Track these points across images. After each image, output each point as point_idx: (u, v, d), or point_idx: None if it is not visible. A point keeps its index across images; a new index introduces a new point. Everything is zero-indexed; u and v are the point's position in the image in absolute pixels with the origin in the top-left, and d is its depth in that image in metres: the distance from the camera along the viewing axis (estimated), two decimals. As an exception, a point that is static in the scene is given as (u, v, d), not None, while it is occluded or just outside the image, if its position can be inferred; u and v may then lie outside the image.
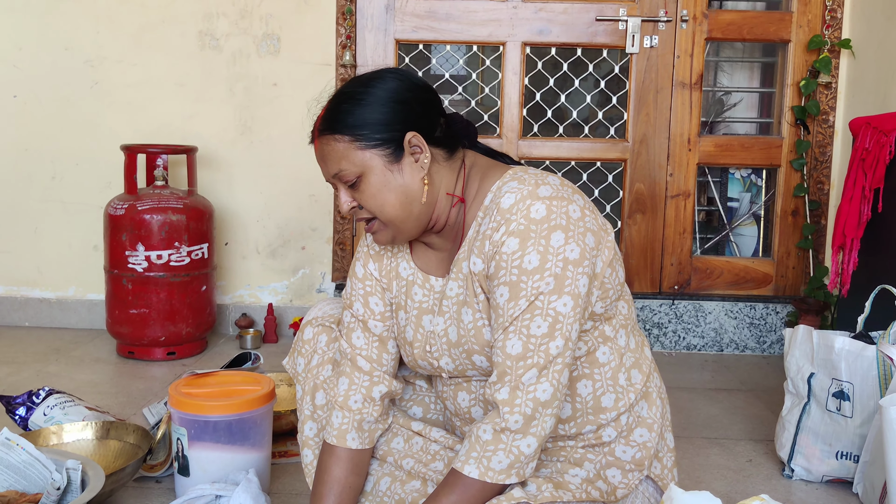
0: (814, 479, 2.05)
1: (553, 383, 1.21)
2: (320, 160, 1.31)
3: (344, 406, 1.42)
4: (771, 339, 3.30)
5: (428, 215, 1.32)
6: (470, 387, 1.37)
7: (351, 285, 1.47)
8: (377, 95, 1.26)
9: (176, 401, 1.77)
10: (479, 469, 1.21)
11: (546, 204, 1.21)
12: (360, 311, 1.44)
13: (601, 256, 1.27)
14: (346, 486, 1.41)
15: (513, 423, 1.20)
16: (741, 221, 3.55)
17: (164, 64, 3.28)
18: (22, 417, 2.09)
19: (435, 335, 1.36)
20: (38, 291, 3.41)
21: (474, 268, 1.28)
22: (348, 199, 1.30)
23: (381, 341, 1.43)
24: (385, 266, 1.45)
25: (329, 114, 1.28)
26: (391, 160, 1.27)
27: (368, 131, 1.25)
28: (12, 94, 3.31)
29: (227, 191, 3.34)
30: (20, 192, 3.36)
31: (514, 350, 1.21)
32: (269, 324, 3.26)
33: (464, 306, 1.31)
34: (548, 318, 1.20)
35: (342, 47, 3.25)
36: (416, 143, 1.28)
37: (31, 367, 2.84)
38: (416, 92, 1.30)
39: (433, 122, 1.31)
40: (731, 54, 3.68)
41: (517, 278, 1.21)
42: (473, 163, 1.36)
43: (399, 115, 1.27)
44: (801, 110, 3.24)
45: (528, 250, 1.20)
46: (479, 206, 1.31)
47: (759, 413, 2.57)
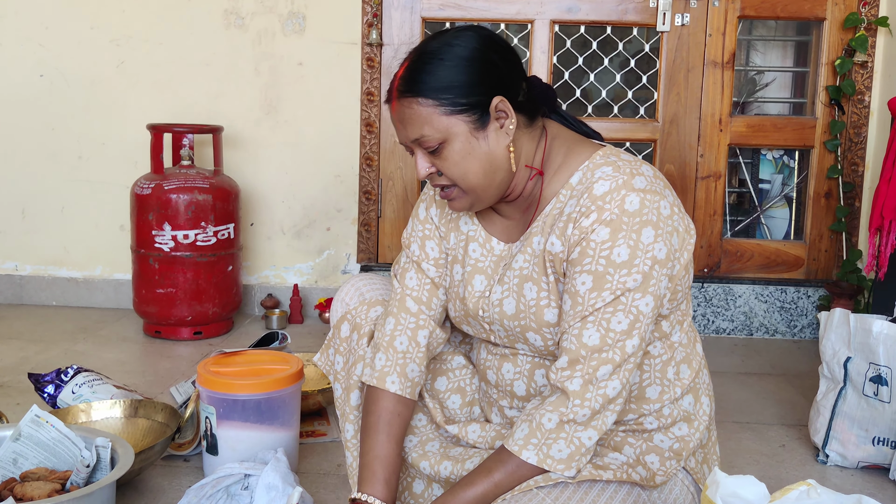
0: (849, 464, 2.02)
1: (623, 381, 1.18)
2: (398, 122, 1.23)
3: (389, 347, 1.37)
4: (802, 323, 3.24)
5: (509, 183, 1.26)
6: (516, 360, 1.34)
7: (412, 226, 1.42)
8: (461, 55, 1.18)
9: (205, 379, 1.77)
10: (538, 456, 1.19)
11: (640, 197, 1.16)
12: (416, 253, 1.40)
13: (681, 259, 1.23)
14: (395, 414, 1.36)
15: (580, 416, 1.18)
16: (773, 203, 3.49)
17: (189, 43, 3.27)
18: (51, 395, 2.09)
19: (489, 303, 1.32)
20: (66, 271, 3.42)
21: (551, 248, 1.23)
22: (427, 165, 1.24)
23: (433, 285, 1.39)
24: (446, 215, 1.40)
25: (410, 73, 1.20)
26: (477, 126, 1.20)
27: (454, 95, 1.18)
28: (39, 73, 3.31)
29: (253, 171, 3.32)
30: (47, 171, 3.37)
31: (592, 341, 1.17)
32: (295, 304, 3.25)
33: (528, 281, 1.27)
34: (629, 316, 1.17)
35: (368, 26, 3.21)
36: (503, 109, 1.20)
37: (59, 346, 2.85)
38: (500, 52, 1.22)
39: (517, 85, 1.23)
40: (764, 33, 3.61)
41: (604, 269, 1.17)
42: (556, 134, 1.29)
43: (485, 76, 1.19)
44: (836, 90, 3.17)
45: (619, 242, 1.16)
46: (561, 183, 1.26)
47: (791, 398, 2.53)
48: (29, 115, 3.34)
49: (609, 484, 1.22)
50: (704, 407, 1.36)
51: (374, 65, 3.24)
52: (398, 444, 1.37)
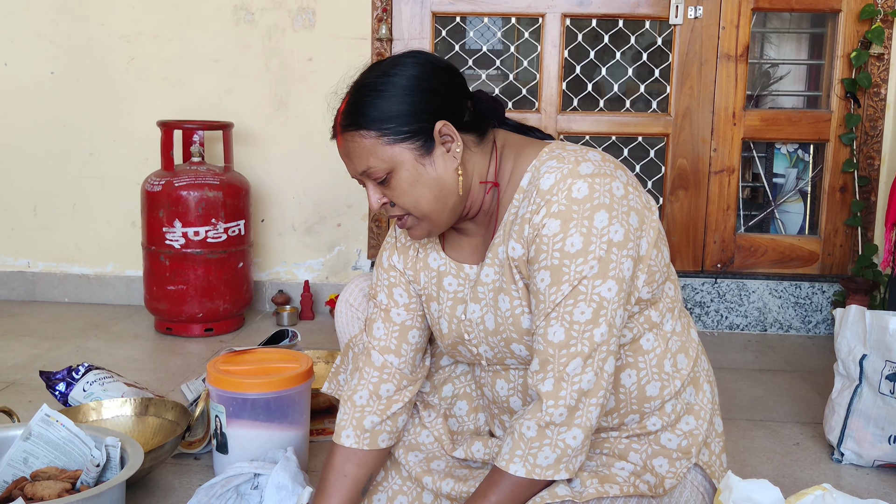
0: (864, 463, 1.99)
1: (597, 371, 1.16)
2: (345, 157, 1.23)
3: (348, 400, 1.40)
4: (816, 318, 3.21)
5: (463, 204, 1.25)
6: (508, 375, 1.33)
7: (376, 275, 1.43)
8: (400, 84, 1.18)
9: (214, 378, 1.76)
10: (525, 467, 1.17)
11: (588, 182, 1.15)
12: (383, 302, 1.40)
13: (646, 237, 1.20)
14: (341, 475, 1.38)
15: (557, 417, 1.15)
16: (787, 198, 3.46)
17: (199, 39, 3.26)
18: (62, 393, 2.10)
19: (471, 323, 1.31)
20: (77, 267, 3.43)
21: (513, 253, 1.22)
22: (378, 197, 1.24)
23: (401, 330, 1.39)
24: (411, 258, 1.40)
25: (351, 107, 1.20)
26: (422, 153, 1.19)
27: (395, 124, 1.17)
28: (49, 70, 3.32)
29: (263, 167, 3.32)
30: (58, 168, 3.37)
31: (557, 338, 1.16)
32: (306, 301, 3.25)
33: (500, 293, 1.26)
34: (592, 304, 1.14)
35: (378, 21, 3.20)
36: (447, 133, 1.20)
37: (71, 343, 2.86)
38: (440, 76, 1.21)
39: (461, 106, 1.23)
40: (778, 25, 3.56)
41: (559, 262, 1.15)
42: (505, 142, 1.29)
43: (426, 103, 1.19)
44: (852, 83, 3.13)
45: (571, 232, 1.14)
46: (514, 188, 1.25)
47: (806, 395, 2.50)
48: (40, 112, 3.34)
49: (617, 498, 1.21)
50: (707, 394, 1.33)
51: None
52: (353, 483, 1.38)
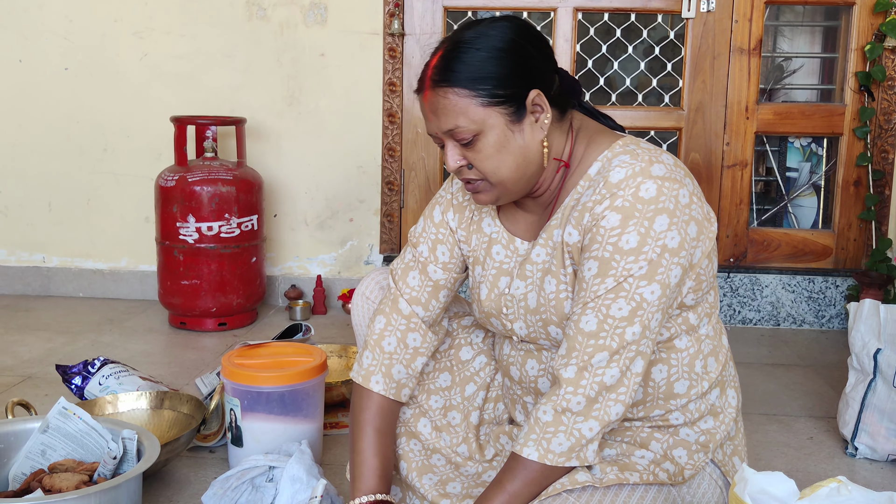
0: (879, 457, 1.99)
1: (622, 369, 1.14)
2: (430, 113, 1.20)
3: (376, 346, 1.37)
4: (830, 313, 3.20)
5: (538, 178, 1.24)
6: (541, 356, 1.32)
7: (423, 225, 1.40)
8: (498, 46, 1.15)
9: (229, 371, 1.77)
10: (538, 451, 1.16)
11: (658, 184, 1.14)
12: (423, 254, 1.38)
13: (701, 247, 1.19)
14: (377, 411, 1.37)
15: (574, 405, 1.15)
16: (800, 192, 3.44)
17: (211, 35, 3.27)
18: (78, 387, 2.11)
19: (513, 298, 1.30)
20: (92, 262, 3.45)
21: (569, 238, 1.21)
22: (458, 157, 1.21)
23: (434, 287, 1.38)
24: (466, 219, 1.38)
25: (446, 63, 1.17)
26: (513, 119, 1.17)
27: (491, 86, 1.15)
28: (64, 66, 3.34)
29: (276, 162, 3.33)
30: (73, 164, 3.39)
31: (588, 327, 1.15)
32: (318, 295, 3.26)
33: (548, 275, 1.25)
34: (631, 303, 1.14)
35: (390, 16, 3.20)
36: (539, 102, 1.18)
37: (86, 337, 2.88)
38: (536, 44, 1.19)
39: (551, 78, 1.21)
40: (791, 18, 3.55)
41: (610, 255, 1.14)
42: (581, 125, 1.27)
43: (522, 69, 1.16)
44: (866, 76, 3.11)
45: (629, 230, 1.13)
46: (581, 175, 1.24)
47: (819, 389, 2.49)
48: (54, 108, 3.36)
49: (637, 486, 1.21)
50: (730, 399, 1.33)
51: (396, 55, 3.22)
52: (386, 436, 1.37)
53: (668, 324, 1.23)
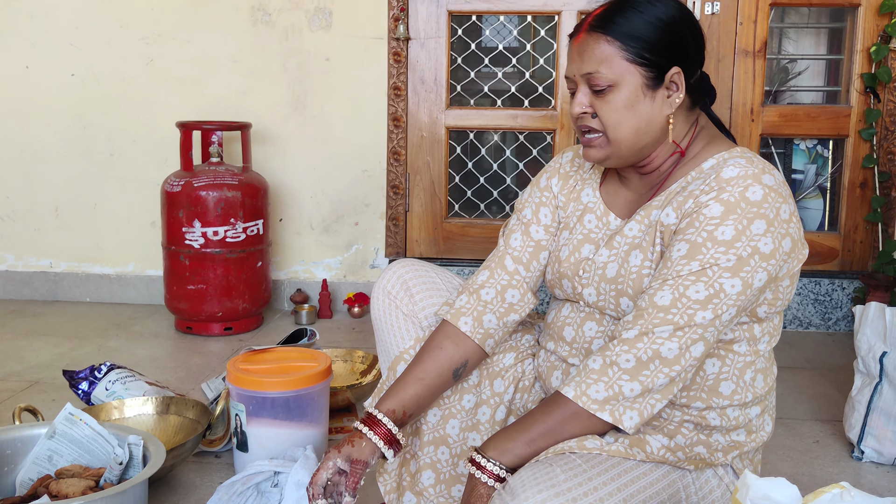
0: (885, 461, 1.98)
1: (682, 346, 1.17)
2: (576, 54, 1.27)
3: (474, 293, 1.42)
4: (836, 315, 3.19)
5: (650, 152, 1.30)
6: (602, 320, 1.35)
7: (529, 192, 1.48)
8: (660, 17, 1.24)
9: (234, 377, 1.78)
10: (575, 391, 1.19)
11: (765, 191, 1.19)
12: (527, 216, 1.46)
13: (789, 265, 1.24)
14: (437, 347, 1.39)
15: (623, 362, 1.18)
16: (806, 194, 3.43)
17: (217, 40, 3.28)
18: (85, 392, 2.12)
19: (592, 264, 1.34)
20: (99, 267, 3.47)
21: (665, 219, 1.26)
22: (585, 103, 1.27)
23: (535, 248, 1.44)
24: (569, 186, 1.45)
25: (609, 14, 1.25)
26: (649, 85, 1.25)
27: (640, 47, 1.23)
28: (70, 72, 3.36)
29: (281, 167, 3.34)
30: (79, 169, 3.41)
31: (662, 301, 1.19)
32: (324, 299, 3.27)
33: (636, 249, 1.29)
34: (710, 289, 1.17)
35: (394, 20, 3.21)
36: (676, 81, 1.26)
37: (93, 342, 2.89)
38: (693, 30, 1.27)
39: (695, 68, 1.29)
40: (796, 20, 3.53)
41: (702, 242, 1.19)
42: (705, 125, 1.34)
43: (673, 45, 1.24)
44: (872, 77, 3.10)
45: (728, 223, 1.18)
46: (694, 167, 1.30)
47: (826, 392, 2.49)
48: (61, 113, 3.38)
49: (643, 463, 1.20)
50: (766, 427, 1.36)
51: (400, 59, 3.23)
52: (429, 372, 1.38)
53: (735, 327, 1.27)
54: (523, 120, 3.30)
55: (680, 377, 1.19)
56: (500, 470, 1.19)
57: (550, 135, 3.33)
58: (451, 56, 3.31)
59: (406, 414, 1.35)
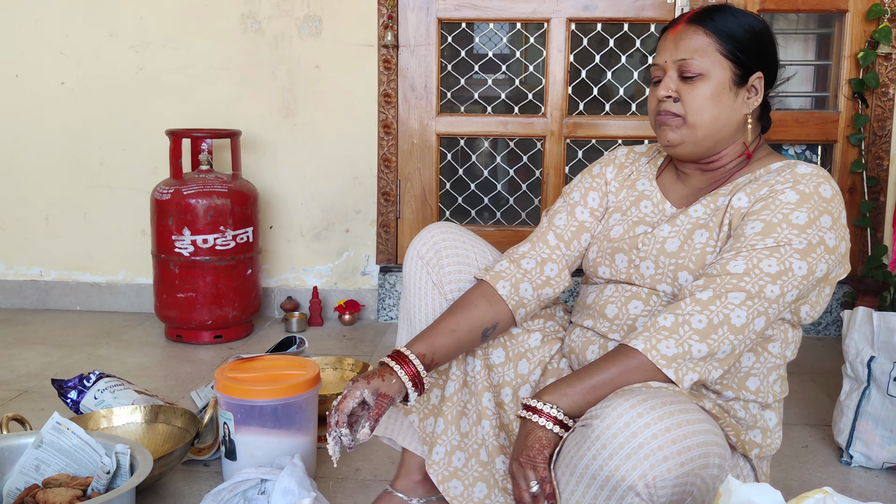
0: (874, 465, 1.99)
1: (750, 316, 1.22)
2: (672, 42, 1.36)
3: (515, 262, 1.46)
4: (826, 320, 3.20)
5: (722, 148, 1.38)
6: (649, 299, 1.37)
7: (579, 179, 1.55)
8: (753, 26, 1.35)
9: (222, 385, 1.78)
10: (644, 344, 1.21)
11: (833, 192, 1.29)
12: (574, 198, 1.52)
13: (836, 271, 1.31)
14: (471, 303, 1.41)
15: (696, 322, 1.21)
16: (795, 199, 3.45)
17: (207, 48, 3.29)
18: (73, 401, 2.12)
19: (652, 237, 1.38)
20: (89, 276, 3.46)
21: (737, 202, 1.32)
22: (672, 87, 1.35)
23: (578, 228, 1.50)
24: (624, 175, 1.52)
25: (711, 12, 1.36)
26: (735, 81, 1.34)
27: (734, 45, 1.33)
28: (60, 80, 3.35)
29: (272, 174, 3.34)
30: (69, 177, 3.40)
31: (736, 269, 1.24)
32: (315, 307, 3.26)
33: (701, 228, 1.35)
34: (781, 265, 1.23)
35: (384, 27, 3.22)
36: (756, 86, 1.36)
37: (83, 351, 2.88)
38: (775, 48, 1.40)
39: (771, 82, 1.40)
40: (784, 26, 3.55)
41: (778, 222, 1.25)
42: (764, 140, 1.45)
43: (761, 54, 1.35)
44: (859, 83, 3.12)
45: (802, 209, 1.25)
46: (759, 167, 1.37)
47: (815, 397, 2.49)
48: (51, 122, 3.38)
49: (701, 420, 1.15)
50: (776, 438, 1.39)
51: (390, 66, 3.24)
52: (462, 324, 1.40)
53: (774, 325, 1.33)
54: (514, 127, 3.30)
55: (739, 348, 1.23)
56: (558, 413, 1.19)
57: (540, 141, 3.34)
58: (442, 63, 3.31)
59: (434, 361, 1.38)
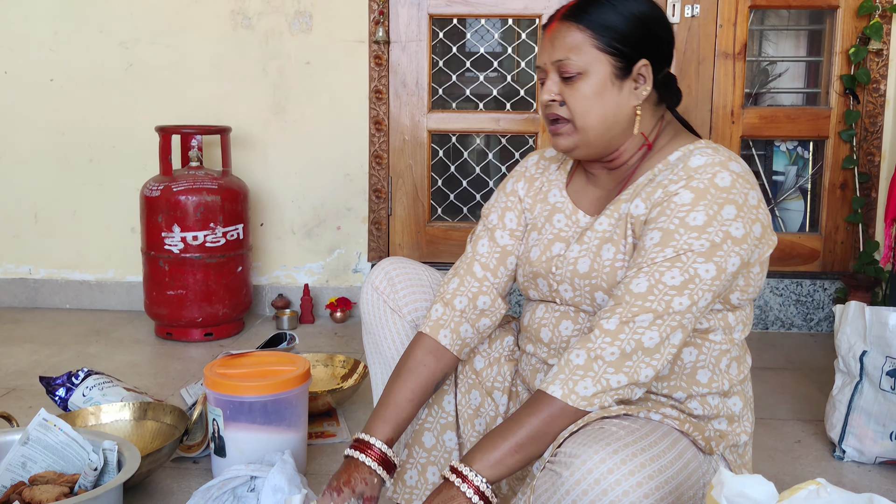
0: (866, 460, 1.98)
1: (662, 335, 1.17)
2: (548, 42, 1.30)
3: (448, 303, 1.43)
4: (818, 316, 3.20)
5: (618, 145, 1.32)
6: (577, 318, 1.34)
7: (495, 198, 1.49)
8: (633, 10, 1.27)
9: (211, 381, 1.76)
10: (562, 390, 1.17)
11: (733, 177, 1.21)
12: (493, 222, 1.46)
13: (759, 251, 1.25)
14: (420, 363, 1.39)
15: (608, 355, 1.17)
16: (787, 196, 3.45)
17: (197, 45, 3.27)
18: (62, 398, 2.10)
19: (564, 260, 1.34)
20: (79, 274, 3.43)
21: (635, 210, 1.27)
22: (554, 91, 1.29)
23: (502, 253, 1.44)
24: (535, 188, 1.46)
25: (582, 4, 1.28)
26: (617, 74, 1.27)
27: (610, 37, 1.25)
28: (49, 77, 3.33)
29: (262, 171, 3.32)
30: (59, 175, 3.38)
31: (638, 288, 1.19)
32: (306, 304, 3.25)
33: (608, 243, 1.30)
34: (685, 275, 1.18)
35: (375, 23, 3.20)
36: (644, 74, 1.28)
37: (72, 349, 2.86)
38: (663, 27, 1.30)
39: (662, 63, 1.31)
40: (776, 22, 3.55)
41: (675, 228, 1.20)
42: (670, 121, 1.37)
43: (643, 38, 1.27)
44: (851, 79, 3.12)
45: (699, 209, 1.19)
46: (661, 160, 1.31)
47: (808, 392, 2.49)
48: (40, 119, 3.35)
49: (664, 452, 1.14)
50: (746, 421, 1.36)
51: (381, 62, 3.22)
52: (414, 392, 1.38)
53: (709, 315, 1.28)
54: (506, 123, 3.29)
55: (661, 364, 1.19)
56: (484, 486, 1.16)
57: (533, 138, 3.33)
58: (433, 59, 3.30)
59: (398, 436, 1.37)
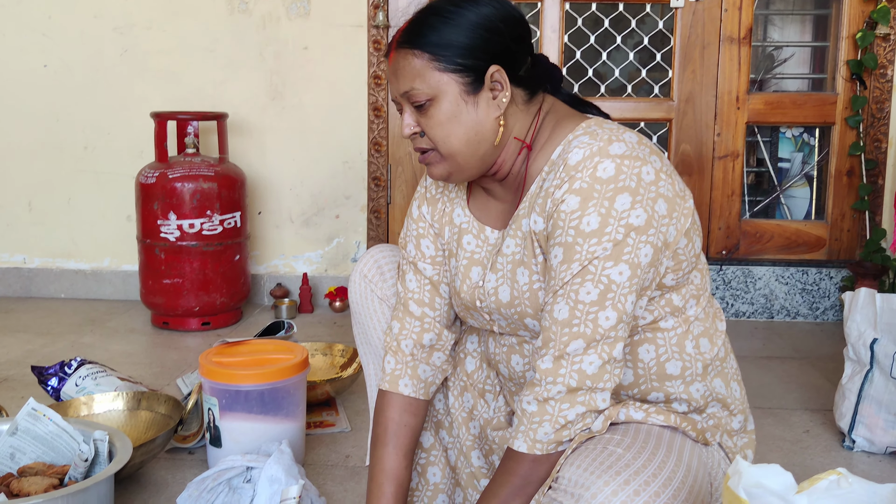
0: (877, 450, 1.94)
1: (602, 356, 1.11)
2: (392, 74, 1.21)
3: (397, 351, 1.37)
4: (824, 305, 3.16)
5: (494, 158, 1.22)
6: (523, 350, 1.28)
7: (406, 226, 1.41)
8: (468, 18, 1.16)
9: (207, 370, 1.72)
10: (526, 444, 1.13)
11: (616, 163, 1.10)
12: (411, 253, 1.38)
13: (675, 225, 1.15)
14: (402, 425, 1.35)
15: (556, 394, 1.11)
16: (793, 183, 3.40)
17: (193, 29, 3.21)
18: (54, 388, 2.06)
19: (485, 292, 1.27)
20: (74, 263, 3.39)
21: (535, 227, 1.18)
22: (412, 123, 1.20)
23: (432, 285, 1.36)
24: (439, 210, 1.37)
25: (413, 27, 1.18)
26: (468, 90, 1.17)
27: (450, 53, 1.16)
28: (43, 63, 3.27)
29: (259, 158, 3.27)
30: (53, 162, 3.33)
31: (561, 315, 1.11)
32: (305, 294, 3.20)
33: (520, 266, 1.22)
34: (599, 286, 1.10)
35: (374, 7, 3.15)
36: (498, 79, 1.18)
37: (66, 339, 2.82)
38: (509, 24, 1.19)
39: (520, 59, 1.20)
40: (781, 7, 3.50)
41: (573, 240, 1.11)
42: (550, 109, 1.25)
43: (487, 44, 1.16)
44: (857, 64, 3.06)
45: (589, 211, 1.10)
46: (545, 159, 1.21)
47: (815, 382, 2.45)
48: (34, 105, 3.30)
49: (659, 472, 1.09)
50: (736, 393, 1.29)
51: (380, 47, 3.17)
52: (406, 457, 1.35)
53: (650, 306, 1.19)
54: (506, 109, 3.24)
55: (612, 382, 1.13)
56: None
57: (534, 124, 3.28)
58: (433, 45, 3.24)
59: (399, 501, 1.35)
